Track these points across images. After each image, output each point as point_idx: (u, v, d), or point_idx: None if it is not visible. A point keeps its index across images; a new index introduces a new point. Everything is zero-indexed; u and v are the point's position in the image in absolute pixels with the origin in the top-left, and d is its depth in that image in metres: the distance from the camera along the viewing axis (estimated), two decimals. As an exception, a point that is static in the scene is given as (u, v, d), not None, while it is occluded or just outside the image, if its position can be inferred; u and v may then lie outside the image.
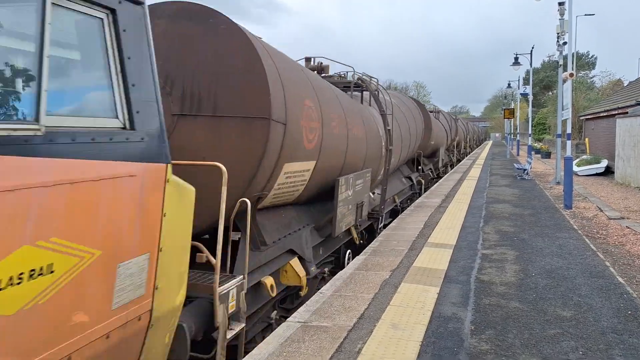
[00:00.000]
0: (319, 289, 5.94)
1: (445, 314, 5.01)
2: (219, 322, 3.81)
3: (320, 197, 6.93)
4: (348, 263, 7.60)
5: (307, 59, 8.69)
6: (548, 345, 4.34)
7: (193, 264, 3.75)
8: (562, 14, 16.18)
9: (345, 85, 9.09)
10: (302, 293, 5.82)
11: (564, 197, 12.41)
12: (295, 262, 5.71)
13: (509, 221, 10.33)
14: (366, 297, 5.46)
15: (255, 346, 4.34)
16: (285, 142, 4.96)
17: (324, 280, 6.57)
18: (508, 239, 8.64)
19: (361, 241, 8.51)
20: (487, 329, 4.66)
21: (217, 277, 3.76)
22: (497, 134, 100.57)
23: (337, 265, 7.70)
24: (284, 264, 5.62)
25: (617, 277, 6.37)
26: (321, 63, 8.77)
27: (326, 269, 6.80)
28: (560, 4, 15.89)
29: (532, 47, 29.36)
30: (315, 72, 8.24)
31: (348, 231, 7.72)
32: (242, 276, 4.25)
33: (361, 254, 7.47)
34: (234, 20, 4.76)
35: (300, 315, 4.93)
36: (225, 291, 3.94)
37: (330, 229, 6.68)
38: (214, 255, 3.78)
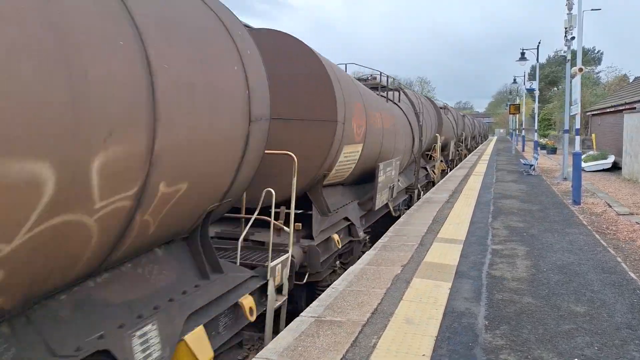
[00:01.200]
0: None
1: (459, 309, 5.00)
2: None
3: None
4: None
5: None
6: (563, 341, 4.33)
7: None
8: (570, 9, 16.07)
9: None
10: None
11: (573, 193, 12.36)
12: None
13: (517, 217, 10.30)
14: (378, 292, 5.46)
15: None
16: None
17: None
18: (517, 234, 8.62)
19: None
20: (501, 324, 4.65)
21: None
22: (501, 130, 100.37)
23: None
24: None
25: (630, 272, 6.35)
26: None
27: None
28: (569, -2, 15.78)
29: (539, 42, 29.19)
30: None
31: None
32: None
33: (371, 248, 7.47)
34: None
35: (313, 310, 4.93)
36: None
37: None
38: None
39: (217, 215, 4.38)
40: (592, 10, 33.85)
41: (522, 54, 29.68)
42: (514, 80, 46.47)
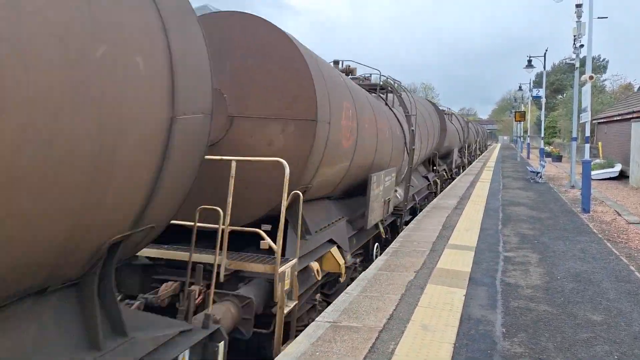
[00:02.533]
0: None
1: (475, 316, 4.97)
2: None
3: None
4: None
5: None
6: (582, 349, 4.29)
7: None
8: (579, 17, 16.06)
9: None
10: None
11: (582, 201, 12.31)
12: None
13: (527, 224, 10.25)
14: (393, 297, 5.43)
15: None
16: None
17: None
18: (528, 242, 8.58)
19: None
20: (518, 332, 4.62)
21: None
22: (505, 137, 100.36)
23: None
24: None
25: (644, 281, 6.30)
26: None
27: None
28: (578, 6, 15.78)
29: (546, 50, 29.19)
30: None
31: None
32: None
33: (382, 254, 7.44)
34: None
35: (329, 315, 4.90)
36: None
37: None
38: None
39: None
40: (598, 18, 33.86)
41: (529, 61, 29.68)
42: (520, 87, 46.46)
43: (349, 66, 9.40)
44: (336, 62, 9.13)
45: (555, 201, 13.98)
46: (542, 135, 32.27)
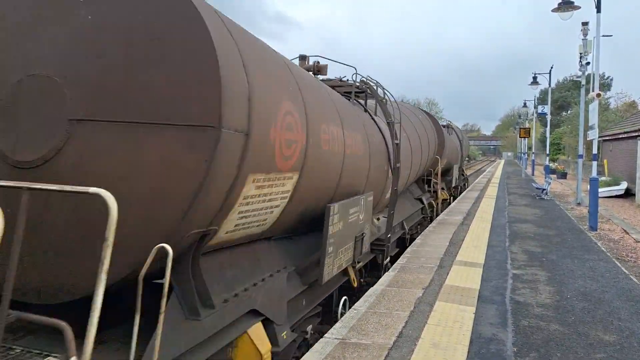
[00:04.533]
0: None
1: (485, 335, 4.90)
2: None
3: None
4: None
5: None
6: (596, 371, 4.22)
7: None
8: (585, 34, 16.14)
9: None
10: None
11: (589, 219, 12.24)
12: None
13: (534, 241, 10.18)
14: (402, 315, 5.37)
15: None
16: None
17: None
18: (536, 259, 8.50)
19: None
20: (530, 352, 4.55)
21: None
22: (509, 153, 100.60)
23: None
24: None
25: (656, 301, 6.22)
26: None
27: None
28: (584, 23, 15.87)
29: (552, 67, 29.30)
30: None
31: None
32: None
33: (390, 269, 7.38)
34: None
35: (337, 331, 4.85)
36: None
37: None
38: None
39: None
40: (602, 36, 33.94)
41: (535, 78, 29.76)
42: (524, 104, 46.56)
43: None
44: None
45: (561, 218, 13.90)
46: (548, 152, 32.22)
